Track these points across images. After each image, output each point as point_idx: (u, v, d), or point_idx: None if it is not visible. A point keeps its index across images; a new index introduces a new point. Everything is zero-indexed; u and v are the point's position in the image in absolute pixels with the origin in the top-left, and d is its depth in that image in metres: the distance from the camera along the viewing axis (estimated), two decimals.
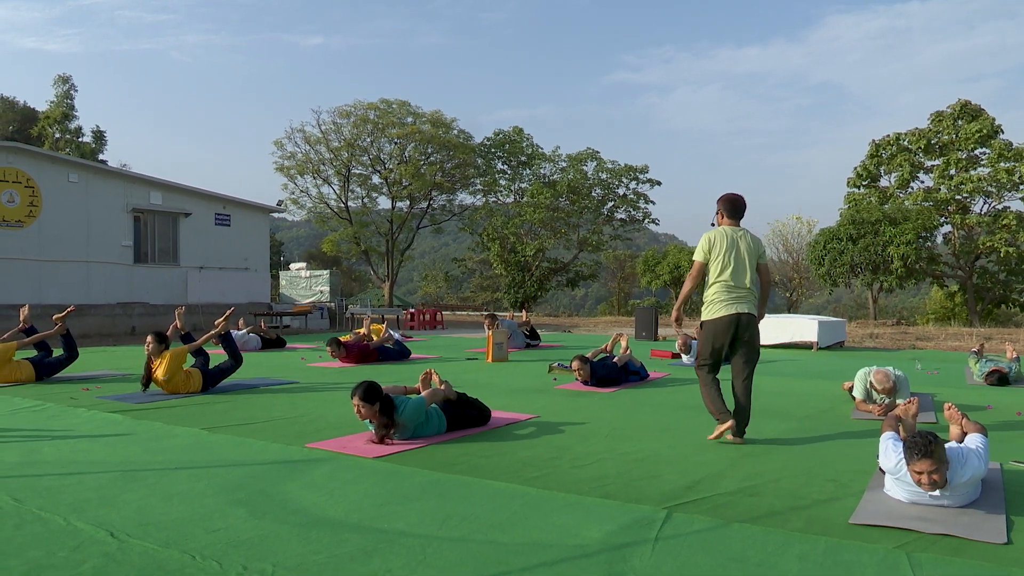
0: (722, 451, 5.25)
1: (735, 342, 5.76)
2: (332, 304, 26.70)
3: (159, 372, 7.82)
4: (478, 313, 40.35)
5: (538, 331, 16.12)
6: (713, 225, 5.94)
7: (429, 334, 21.10)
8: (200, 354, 8.48)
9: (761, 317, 5.96)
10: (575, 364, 8.60)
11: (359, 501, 4.02)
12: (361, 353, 11.68)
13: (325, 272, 29.23)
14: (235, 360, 8.67)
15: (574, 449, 5.30)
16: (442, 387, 6.02)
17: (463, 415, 5.94)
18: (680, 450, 5.29)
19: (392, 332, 13.42)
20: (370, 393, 5.32)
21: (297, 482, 4.38)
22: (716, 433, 5.58)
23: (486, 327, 13.94)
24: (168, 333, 8.58)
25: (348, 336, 14.14)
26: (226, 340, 8.74)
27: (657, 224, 41.85)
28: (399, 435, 5.38)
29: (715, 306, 5.78)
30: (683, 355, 11.77)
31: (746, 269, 5.80)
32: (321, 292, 28.25)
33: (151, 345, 7.96)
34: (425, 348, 15.14)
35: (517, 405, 7.35)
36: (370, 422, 5.40)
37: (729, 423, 5.56)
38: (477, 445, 5.43)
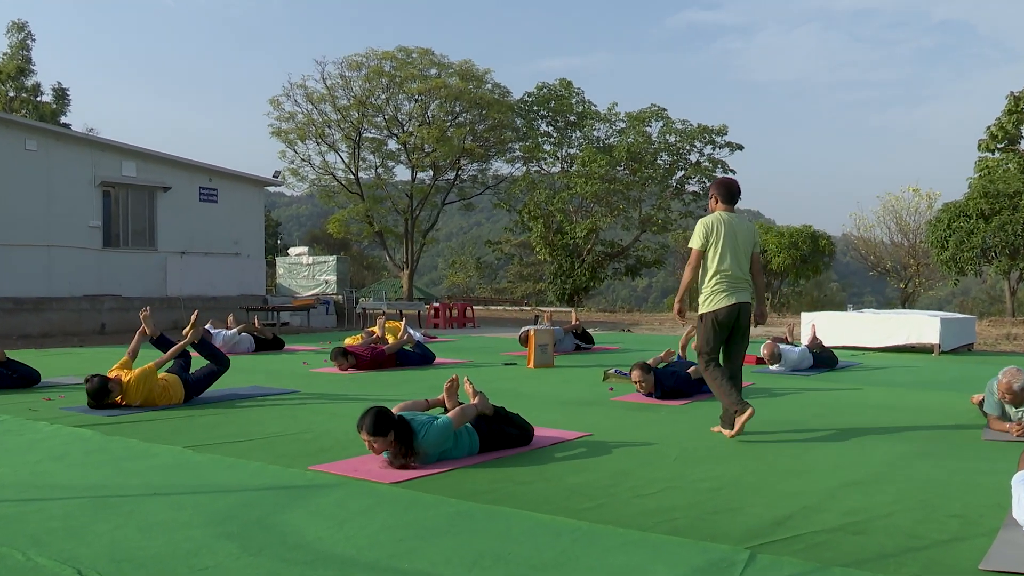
0: (818, 479, 5.21)
1: (733, 333, 6.76)
2: (340, 297, 26.97)
3: (126, 397, 7.93)
4: (516, 308, 40.46)
5: (589, 332, 16.10)
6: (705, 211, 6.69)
7: (457, 333, 21.21)
8: (179, 355, 8.60)
9: (765, 313, 7.09)
10: (635, 374, 8.60)
11: (373, 535, 4.06)
12: (375, 359, 11.79)
13: (331, 258, 29.55)
14: (219, 364, 8.77)
15: (635, 475, 5.30)
16: (475, 400, 6.05)
17: (500, 434, 5.98)
18: (766, 477, 5.26)
19: (412, 332, 13.52)
20: (380, 423, 5.35)
21: (299, 512, 4.45)
22: (738, 427, 6.51)
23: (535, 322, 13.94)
24: (131, 348, 8.47)
25: (359, 336, 14.29)
26: (202, 347, 8.79)
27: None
28: (419, 462, 5.43)
29: (716, 296, 6.73)
30: (770, 364, 11.68)
31: (745, 258, 6.79)
32: (326, 282, 28.55)
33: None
34: (452, 351, 15.23)
35: (565, 421, 7.36)
36: (387, 452, 5.46)
37: (750, 411, 6.47)
38: (516, 469, 5.45)
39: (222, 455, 5.86)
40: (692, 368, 9.14)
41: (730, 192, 6.95)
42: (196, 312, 9.21)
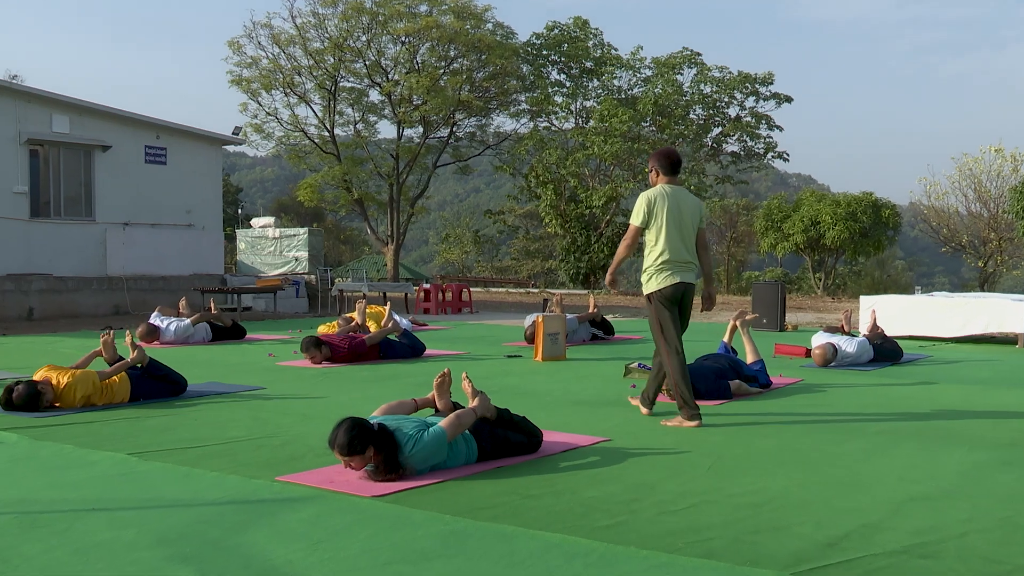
0: (878, 492, 5.22)
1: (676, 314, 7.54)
2: (312, 277, 26.99)
3: (61, 402, 7.93)
4: (522, 291, 40.48)
5: (608, 320, 16.09)
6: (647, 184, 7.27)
7: (452, 320, 21.22)
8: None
9: (713, 296, 8.13)
10: None
11: (353, 559, 4.08)
12: (354, 351, 11.80)
13: (302, 231, 29.58)
14: (174, 385, 8.79)
15: (661, 488, 5.31)
16: (474, 402, 6.05)
17: (504, 442, 5.98)
18: (818, 490, 5.27)
19: (398, 318, 13.53)
20: (356, 439, 5.33)
21: (265, 531, 4.46)
22: (675, 423, 7.31)
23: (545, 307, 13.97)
24: (78, 364, 8.49)
25: (334, 324, 14.30)
26: (152, 371, 8.69)
27: (786, 160, 41.50)
28: (407, 476, 5.44)
29: (661, 276, 7.46)
30: (821, 365, 11.62)
31: (691, 236, 7.52)
32: (296, 260, 28.59)
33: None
34: (446, 341, 15.24)
35: (578, 424, 7.38)
36: (369, 466, 5.46)
37: (696, 423, 7.25)
38: (521, 480, 5.46)
39: (174, 463, 5.88)
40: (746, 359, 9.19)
41: (672, 162, 7.63)
42: (111, 330, 9.01)
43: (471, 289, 26.71)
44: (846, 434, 7.02)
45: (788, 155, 41.32)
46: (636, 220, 7.49)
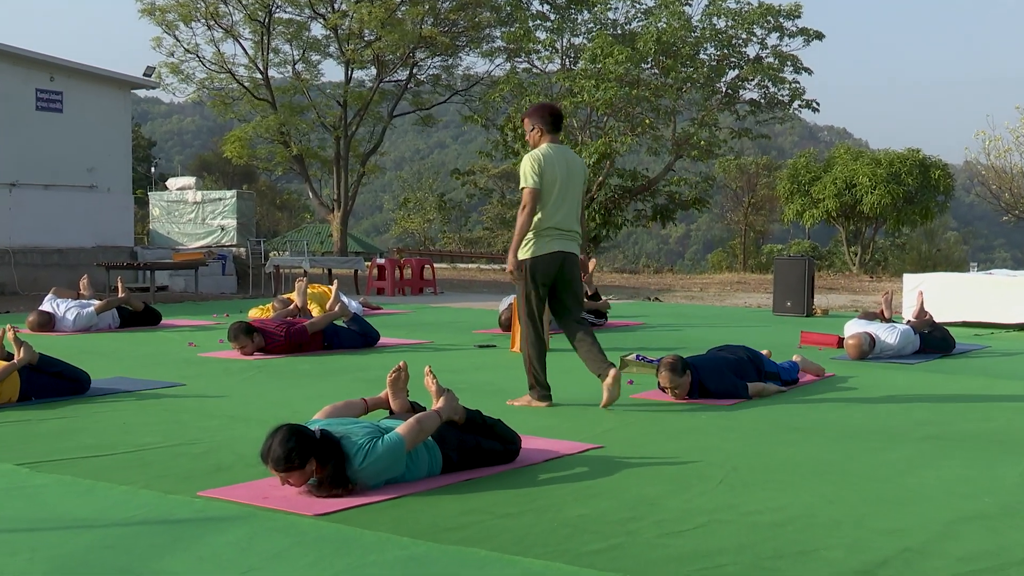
0: (925, 510, 5.25)
1: (556, 286, 8.21)
2: (242, 250, 26.90)
3: None
4: (496, 267, 40.45)
5: (605, 300, 16.11)
6: (526, 146, 7.79)
7: (412, 302, 21.19)
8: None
9: (587, 265, 8.81)
10: (663, 377, 8.60)
11: None
12: (293, 339, 11.78)
13: (229, 194, 29.45)
14: (73, 382, 8.75)
15: (664, 504, 5.33)
16: (438, 403, 6.05)
17: (474, 450, 5.98)
18: (852, 507, 5.30)
19: (347, 300, 13.50)
20: (293, 452, 5.28)
21: (184, 556, 4.45)
22: (523, 403, 8.18)
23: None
24: None
25: (269, 307, 14.27)
26: (45, 366, 8.65)
27: (816, 110, 41.58)
28: (357, 491, 5.43)
29: (541, 242, 8.09)
30: (856, 358, 11.64)
31: (578, 201, 8.27)
32: (222, 229, 28.49)
33: None
34: (405, 327, 15.22)
35: (565, 427, 7.40)
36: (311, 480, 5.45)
37: (546, 405, 8.11)
38: (496, 495, 5.48)
39: (74, 476, 5.86)
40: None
41: (554, 119, 8.31)
42: (23, 345, 8.76)
43: (435, 265, 26.70)
44: (885, 440, 7.06)
45: (818, 104, 41.39)
46: (530, 182, 8.03)
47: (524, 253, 8.14)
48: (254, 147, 39.95)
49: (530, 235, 8.12)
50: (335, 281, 14.10)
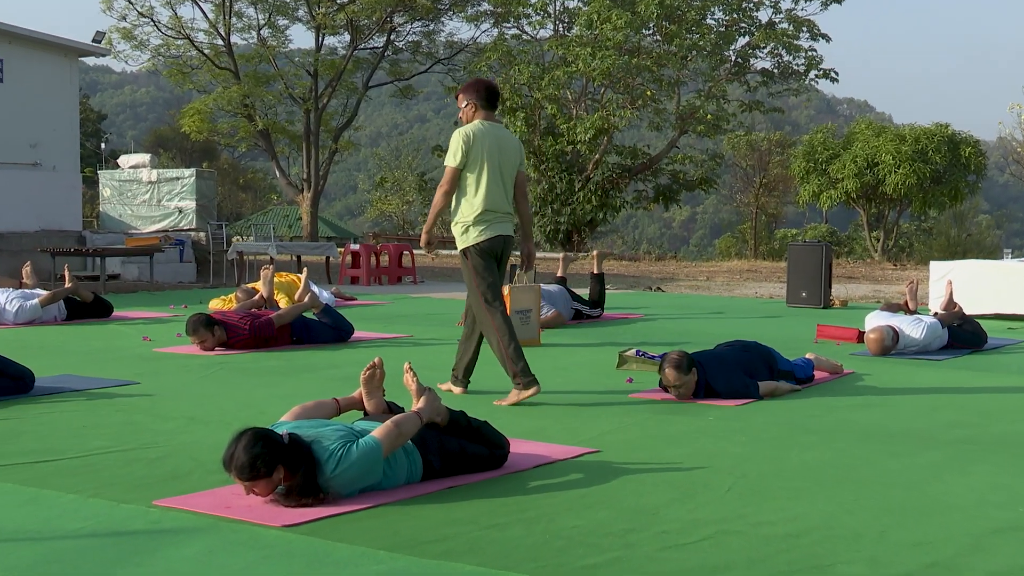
0: (954, 520, 5.26)
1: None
2: (202, 235, 26.84)
3: None
4: None
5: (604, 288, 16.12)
6: (459, 122, 8.67)
7: (389, 292, 21.15)
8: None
9: (533, 252, 9.26)
10: (668, 375, 8.59)
11: None
12: (258, 333, 11.75)
13: (188, 173, 29.35)
14: (15, 380, 8.72)
15: (666, 514, 5.34)
16: (419, 403, 6.04)
17: (458, 455, 5.98)
18: (873, 517, 5.31)
19: (318, 290, 13.49)
20: (259, 459, 5.27)
21: (139, 572, 4.44)
22: (512, 399, 8.27)
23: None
24: None
25: (232, 298, 14.25)
26: None
27: (835, 80, 41.59)
28: (329, 500, 5.42)
29: (479, 228, 8.44)
30: (878, 354, 11.64)
31: (510, 181, 8.60)
32: (180, 211, 28.42)
33: None
34: (381, 320, 15.19)
35: (557, 430, 7.40)
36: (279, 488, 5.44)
37: (535, 390, 8.27)
38: (482, 504, 5.48)
39: (16, 483, 5.85)
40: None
41: (489, 94, 8.72)
42: None
43: (415, 252, 26.65)
44: (910, 444, 7.08)
45: (837, 74, 41.45)
46: (453, 160, 8.43)
47: (465, 241, 8.51)
48: (215, 121, 39.89)
49: (468, 220, 8.47)
50: (305, 269, 14.08)
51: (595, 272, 15.53)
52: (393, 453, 5.66)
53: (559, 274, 15.53)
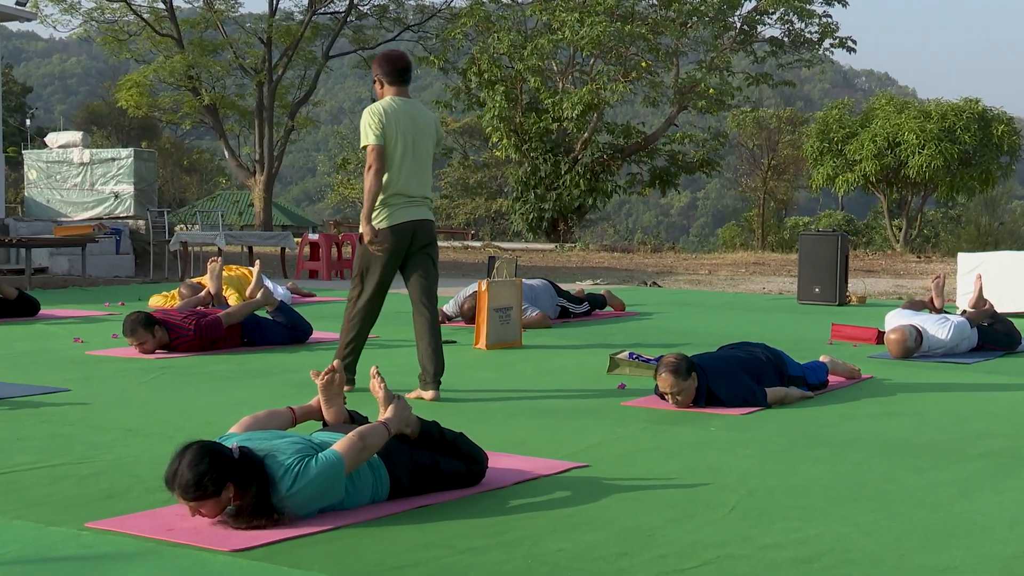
0: (983, 542, 5.27)
1: (409, 261, 9.09)
2: (141, 223, 26.78)
3: None
4: (457, 244, 40.45)
5: (599, 296, 16.18)
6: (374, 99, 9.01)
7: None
8: None
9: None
10: (664, 380, 8.59)
11: None
12: (204, 333, 11.72)
13: (125, 153, 29.26)
14: None
15: (664, 536, 5.35)
16: (386, 413, 6.03)
17: (430, 471, 5.97)
18: (891, 540, 5.32)
19: (272, 285, 13.47)
20: (206, 476, 5.23)
21: None
22: (414, 395, 8.82)
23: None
24: None
25: (175, 294, 14.21)
26: None
27: (852, 50, 41.68)
28: (285, 521, 5.40)
29: (384, 212, 8.86)
30: (900, 357, 11.66)
31: (427, 161, 9.07)
32: (117, 196, 28.34)
33: None
34: (342, 319, 15.16)
35: (541, 443, 7.41)
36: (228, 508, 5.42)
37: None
38: (456, 526, 5.48)
39: None
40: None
41: (397, 69, 9.07)
42: None
43: None
44: (934, 458, 7.09)
45: (855, 43, 41.55)
46: (372, 139, 8.75)
47: (371, 222, 8.93)
48: (156, 95, 39.81)
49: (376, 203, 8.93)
50: (257, 262, 14.06)
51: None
52: (357, 469, 5.65)
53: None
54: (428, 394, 8.92)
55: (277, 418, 6.17)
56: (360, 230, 9.03)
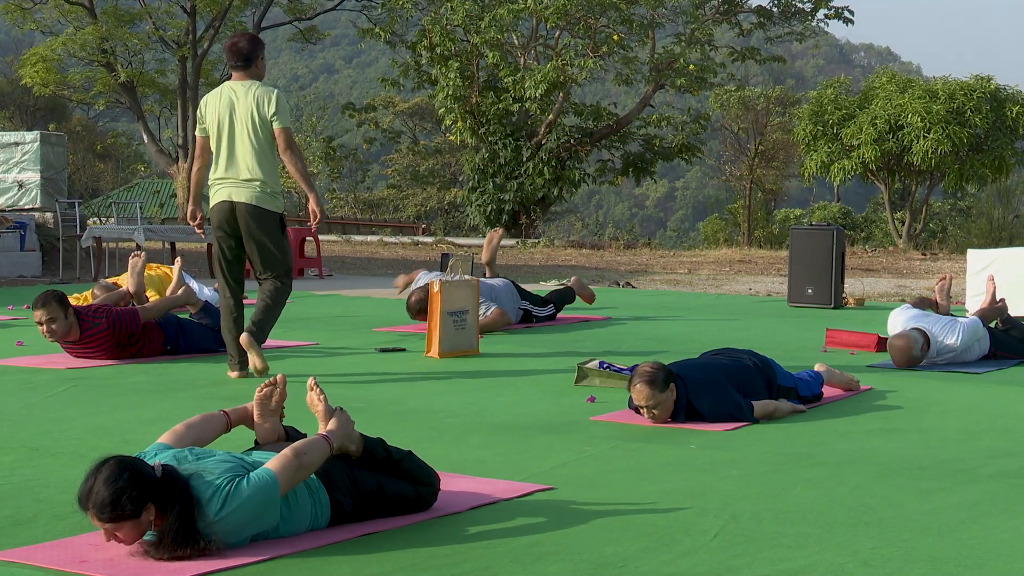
0: (998, 569, 5.31)
1: (238, 243, 10.43)
2: (48, 216, 26.69)
3: None
4: (406, 239, 40.48)
5: (565, 289, 16.21)
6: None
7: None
8: None
9: (316, 211, 10.83)
10: (639, 392, 8.60)
11: None
12: (119, 328, 11.66)
13: (30, 138, 29.16)
14: None
15: (636, 567, 5.36)
16: (327, 426, 6.03)
17: (376, 494, 5.97)
18: (893, 569, 5.34)
19: (195, 284, 13.44)
20: (123, 495, 5.19)
21: None
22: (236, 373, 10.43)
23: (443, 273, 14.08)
24: None
25: (88, 295, 14.17)
26: None
27: (850, 22, 41.83)
28: (212, 550, 5.39)
29: (211, 194, 10.33)
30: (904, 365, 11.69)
31: (244, 141, 10.13)
32: (20, 186, 28.25)
33: None
34: (279, 324, 15.10)
35: (500, 463, 7.42)
36: (149, 534, 5.40)
37: (237, 374, 10.47)
38: (405, 555, 5.49)
39: None
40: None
41: (237, 52, 10.18)
42: None
43: (320, 238, 26.61)
44: (942, 478, 7.14)
45: (852, 13, 41.72)
46: (198, 130, 10.53)
47: (207, 211, 10.58)
48: (65, 71, 39.68)
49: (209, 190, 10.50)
50: (177, 259, 14.03)
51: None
52: (294, 490, 5.63)
53: (483, 258, 15.53)
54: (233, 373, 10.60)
55: (210, 423, 6.14)
56: (187, 213, 10.94)
